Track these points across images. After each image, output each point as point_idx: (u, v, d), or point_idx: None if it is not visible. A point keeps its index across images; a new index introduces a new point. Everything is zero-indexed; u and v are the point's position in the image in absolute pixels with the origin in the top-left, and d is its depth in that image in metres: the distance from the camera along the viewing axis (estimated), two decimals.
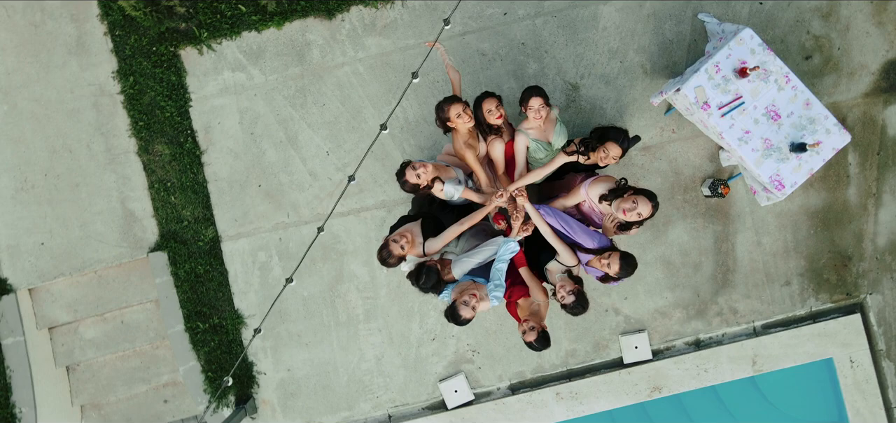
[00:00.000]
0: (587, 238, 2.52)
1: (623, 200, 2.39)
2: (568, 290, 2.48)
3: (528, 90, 2.53)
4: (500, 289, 2.50)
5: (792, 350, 3.45)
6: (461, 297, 2.45)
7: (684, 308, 3.49)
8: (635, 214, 2.36)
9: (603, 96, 3.26)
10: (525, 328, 2.51)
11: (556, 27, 3.25)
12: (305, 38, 3.37)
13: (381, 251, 2.50)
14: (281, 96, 3.45)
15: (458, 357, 3.54)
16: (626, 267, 2.43)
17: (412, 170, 2.48)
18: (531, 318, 2.55)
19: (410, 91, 3.33)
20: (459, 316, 2.43)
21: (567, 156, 2.57)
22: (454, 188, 2.54)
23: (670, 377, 3.50)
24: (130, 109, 3.48)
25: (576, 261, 2.57)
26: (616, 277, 2.46)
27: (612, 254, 2.44)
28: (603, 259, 2.45)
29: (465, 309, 2.41)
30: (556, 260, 2.59)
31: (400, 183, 2.52)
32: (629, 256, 2.45)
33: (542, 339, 2.51)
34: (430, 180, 2.51)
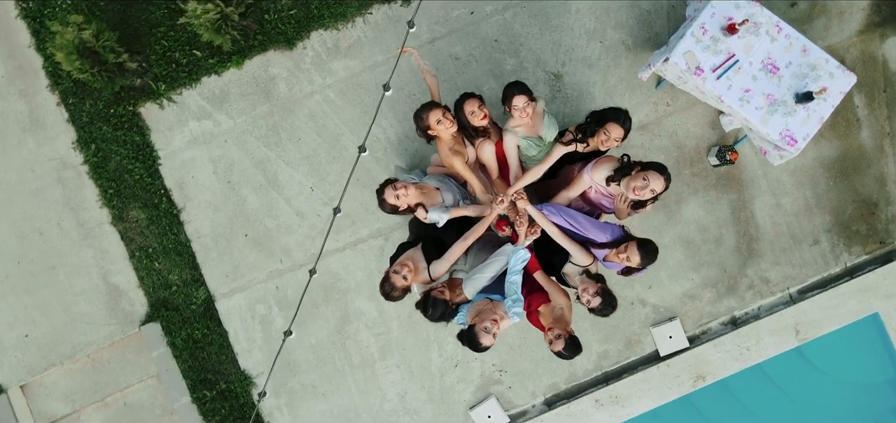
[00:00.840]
0: (599, 232, 2.35)
1: (632, 178, 2.24)
2: (592, 292, 2.31)
3: (509, 88, 2.40)
4: (518, 304, 2.31)
5: (834, 312, 3.26)
6: (480, 321, 2.25)
7: (713, 287, 3.29)
8: (648, 191, 2.21)
9: (588, 81, 3.15)
10: (551, 337, 2.32)
11: (527, 18, 3.16)
12: (269, 73, 3.25)
13: (383, 285, 2.34)
14: (253, 138, 3.30)
15: (486, 380, 3.33)
16: (646, 255, 2.26)
17: (392, 190, 2.33)
18: (556, 325, 2.35)
19: (389, 108, 3.21)
20: (479, 343, 2.24)
21: (564, 147, 2.43)
22: (439, 214, 2.38)
23: (712, 363, 3.29)
24: (97, 178, 3.32)
25: (591, 259, 2.40)
26: (638, 268, 2.30)
27: (629, 244, 2.28)
28: (620, 252, 2.28)
29: (486, 336, 2.23)
30: (570, 262, 2.42)
31: (379, 203, 2.36)
32: (648, 242, 2.29)
33: (571, 345, 2.31)
34: (414, 205, 2.35)
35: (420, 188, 2.42)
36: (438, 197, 2.46)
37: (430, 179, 2.54)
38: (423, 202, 2.39)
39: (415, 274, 2.35)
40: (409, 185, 2.33)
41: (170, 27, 3.16)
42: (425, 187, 2.46)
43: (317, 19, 3.16)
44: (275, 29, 3.17)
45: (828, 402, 3.50)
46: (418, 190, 2.40)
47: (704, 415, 3.47)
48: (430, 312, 2.29)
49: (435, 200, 2.45)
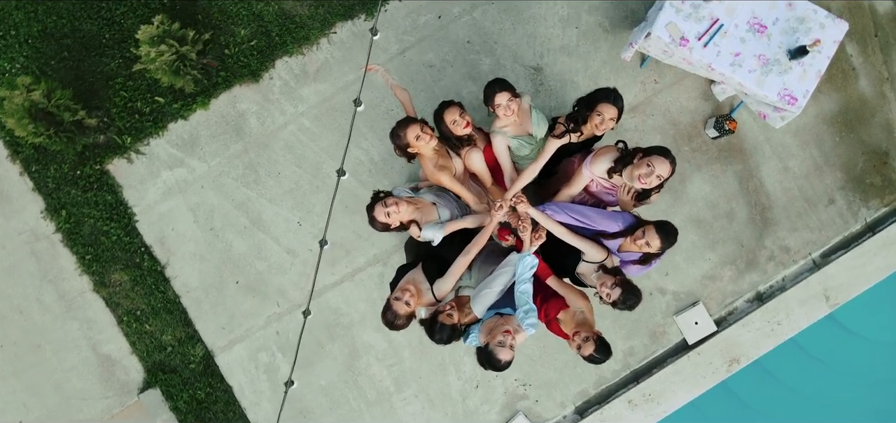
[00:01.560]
0: (609, 222, 2.19)
1: (635, 166, 2.09)
2: (611, 284, 2.13)
3: (490, 86, 2.27)
4: (532, 314, 2.13)
5: (861, 271, 3.10)
6: (494, 337, 2.08)
7: (732, 264, 3.13)
8: (654, 177, 2.06)
9: (570, 69, 3.05)
10: (579, 342, 2.12)
11: (497, 14, 3.06)
12: (238, 110, 3.12)
13: (386, 315, 2.15)
14: (230, 179, 3.15)
15: (510, 397, 3.14)
16: (666, 237, 2.08)
17: (382, 207, 2.15)
18: (581, 329, 2.17)
19: (368, 128, 3.08)
20: (498, 360, 2.06)
21: (557, 140, 2.28)
22: (433, 232, 2.21)
23: (744, 344, 3.10)
24: (72, 245, 3.16)
25: (605, 253, 2.24)
26: (658, 252, 2.11)
27: (647, 228, 2.10)
28: (637, 239, 2.11)
29: (503, 351, 2.05)
30: (583, 260, 2.25)
31: (369, 220, 2.19)
32: (666, 223, 2.12)
33: (602, 348, 2.12)
34: (407, 222, 2.18)
35: (414, 203, 2.26)
36: (434, 212, 2.30)
37: (426, 194, 2.38)
38: (416, 219, 2.22)
39: (418, 297, 2.18)
40: (400, 200, 2.17)
41: (127, 76, 3.05)
42: (420, 202, 2.29)
43: (279, 47, 3.05)
44: (237, 63, 3.06)
45: (869, 366, 3.33)
46: (412, 205, 2.23)
47: (744, 400, 3.30)
48: (437, 335, 2.12)
49: (431, 215, 2.28)
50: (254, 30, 3.01)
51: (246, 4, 3.01)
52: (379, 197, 2.17)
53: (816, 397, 3.33)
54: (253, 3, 2.99)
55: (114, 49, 3.05)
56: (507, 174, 2.39)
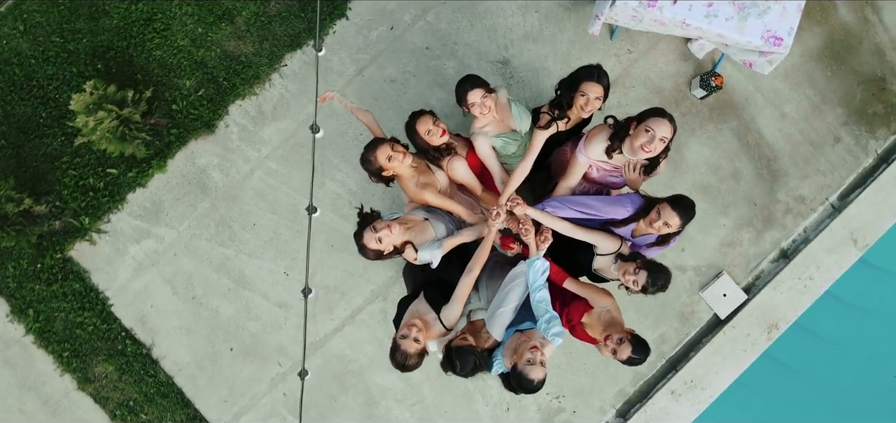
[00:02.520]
0: (617, 208, 2.00)
1: (634, 136, 1.90)
2: (634, 270, 1.93)
3: (460, 86, 2.10)
4: (554, 322, 1.92)
5: (884, 206, 2.88)
6: (520, 357, 1.88)
7: (748, 226, 2.92)
8: (657, 141, 1.86)
9: (538, 56, 2.90)
10: (613, 346, 1.93)
11: (451, 14, 2.93)
12: (198, 166, 2.93)
13: (394, 356, 1.92)
14: (203, 241, 2.95)
15: (545, 414, 2.88)
16: (684, 212, 1.89)
17: (372, 232, 1.93)
18: (611, 330, 1.97)
19: (339, 158, 2.90)
20: (530, 381, 1.85)
21: (544, 130, 2.09)
22: (431, 252, 2.01)
23: (779, 307, 2.86)
24: (47, 345, 2.92)
25: (619, 241, 2.05)
26: (678, 231, 1.92)
27: (661, 207, 1.91)
28: (653, 221, 1.91)
29: (534, 369, 1.85)
30: (597, 255, 2.06)
31: (359, 249, 1.98)
32: (680, 197, 1.93)
33: (639, 346, 1.93)
34: (400, 245, 1.97)
35: (405, 223, 2.04)
36: (429, 230, 2.08)
37: (417, 211, 2.17)
38: (410, 240, 2.00)
39: (426, 331, 1.95)
40: (391, 223, 1.96)
41: (72, 154, 2.86)
42: (411, 221, 2.08)
43: (230, 91, 2.88)
44: (188, 117, 2.88)
45: None
46: (403, 225, 2.02)
47: (791, 366, 3.03)
48: (460, 367, 1.89)
49: (426, 234, 2.07)
50: (199, 79, 2.86)
51: (185, 54, 2.87)
52: (366, 220, 1.95)
53: (863, 346, 3.08)
54: (193, 51, 2.86)
55: (53, 127, 2.88)
56: (496, 177, 2.20)
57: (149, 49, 2.85)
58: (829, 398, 3.08)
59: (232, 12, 2.83)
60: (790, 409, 3.07)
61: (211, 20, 2.83)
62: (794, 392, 3.06)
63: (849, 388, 3.06)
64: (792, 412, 3.08)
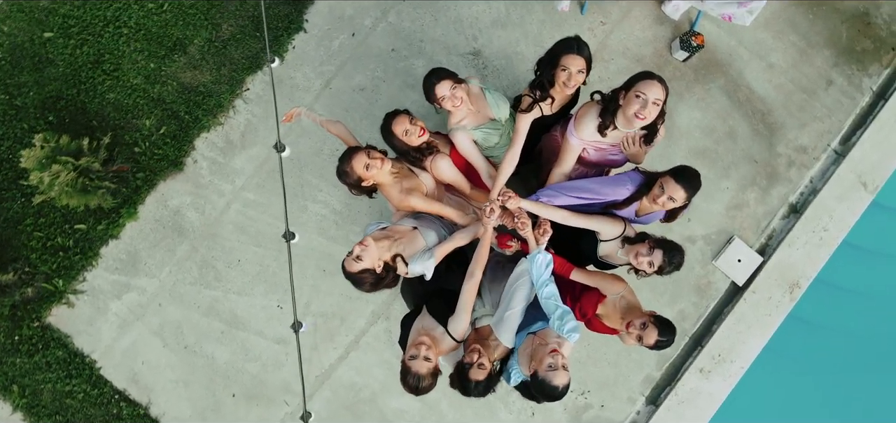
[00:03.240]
0: (616, 188, 1.84)
1: (626, 105, 1.74)
2: (647, 251, 1.79)
3: (427, 80, 1.95)
4: (568, 317, 1.76)
5: (887, 143, 2.73)
6: (541, 363, 1.73)
7: (753, 184, 2.76)
8: (651, 105, 1.70)
9: (509, 41, 2.76)
10: (637, 333, 1.78)
11: (412, 11, 2.79)
12: (171, 208, 2.74)
13: (406, 380, 1.75)
14: (187, 286, 2.75)
15: (573, 413, 2.70)
16: (689, 183, 1.74)
17: (349, 257, 1.76)
18: (631, 316, 1.81)
19: (318, 178, 2.71)
20: (555, 387, 1.70)
21: (526, 114, 1.93)
22: (422, 262, 1.83)
23: (797, 264, 2.68)
24: (38, 421, 2.68)
25: (622, 224, 1.90)
26: (684, 204, 1.77)
27: (664, 181, 1.75)
28: (656, 197, 1.76)
29: (557, 375, 1.70)
30: (602, 241, 1.91)
31: (347, 278, 1.80)
32: (684, 168, 1.77)
33: (665, 328, 1.77)
34: (391, 259, 1.80)
35: (391, 236, 1.87)
36: (419, 240, 1.90)
37: (404, 221, 1.99)
38: (399, 253, 1.83)
39: (435, 347, 1.78)
40: (368, 238, 1.78)
41: (35, 214, 2.67)
42: (398, 232, 1.90)
43: (193, 125, 2.71)
44: (152, 158, 2.70)
45: None
46: (389, 239, 1.85)
47: (818, 324, 2.83)
48: (474, 386, 1.74)
49: (415, 244, 1.89)
50: (159, 116, 2.69)
51: (141, 92, 2.70)
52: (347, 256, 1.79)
53: (891, 291, 2.88)
54: (148, 89, 2.69)
55: (10, 190, 2.69)
56: (483, 172, 2.03)
57: (101, 93, 2.68)
58: (864, 350, 2.87)
59: (183, 42, 2.67)
60: (825, 368, 2.86)
61: (162, 54, 2.68)
62: (827, 350, 2.88)
63: (884, 336, 2.84)
64: (827, 371, 2.86)
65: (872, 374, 2.82)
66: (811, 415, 2.80)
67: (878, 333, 2.84)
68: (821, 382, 2.84)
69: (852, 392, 2.81)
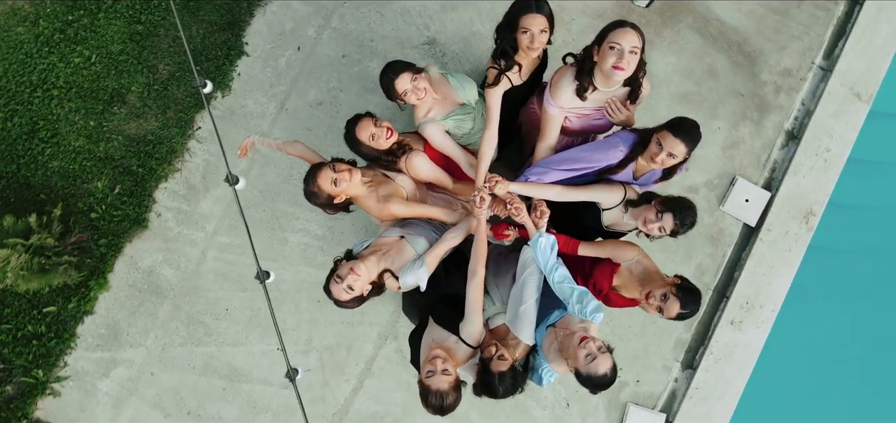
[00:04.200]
0: (608, 151, 1.66)
1: (602, 58, 1.56)
2: (655, 214, 1.62)
3: (384, 76, 1.76)
4: (587, 298, 1.62)
5: (872, 48, 2.56)
6: (576, 356, 1.55)
7: (744, 119, 2.58)
8: (628, 53, 1.53)
9: (463, 23, 2.58)
10: (657, 303, 1.61)
11: (356, 11, 2.60)
12: (143, 269, 2.50)
13: (429, 401, 1.56)
14: (178, 348, 2.52)
15: (610, 394, 2.51)
16: (688, 134, 1.56)
17: (337, 283, 1.59)
18: (650, 285, 1.64)
19: (294, 206, 2.51)
20: (603, 376, 1.53)
21: (495, 88, 1.74)
22: (415, 273, 1.68)
23: (807, 192, 2.50)
24: None
25: (621, 190, 1.74)
26: (685, 158, 1.60)
27: (661, 136, 1.57)
28: (654, 155, 1.58)
29: (600, 362, 1.53)
30: (604, 210, 1.76)
31: (339, 305, 1.64)
32: (681, 120, 1.59)
33: (689, 296, 1.60)
34: (378, 277, 1.64)
35: (377, 250, 1.69)
36: (407, 249, 1.71)
37: (390, 232, 1.80)
38: (386, 268, 1.65)
39: (453, 360, 1.63)
40: (356, 263, 1.60)
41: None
42: (385, 244, 1.72)
43: (148, 177, 2.49)
44: (112, 220, 2.47)
45: None
46: (376, 255, 1.67)
47: (841, 248, 2.64)
48: (501, 388, 1.57)
49: (404, 255, 1.70)
50: (110, 175, 2.47)
51: (86, 154, 2.47)
52: (332, 273, 1.62)
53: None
54: (93, 149, 2.46)
55: None
56: (462, 163, 1.84)
57: (42, 163, 2.44)
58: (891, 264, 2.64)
59: (120, 92, 2.45)
60: (857, 292, 2.64)
61: (100, 109, 2.46)
62: (855, 274, 2.67)
63: None
64: (861, 295, 2.64)
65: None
66: (843, 342, 2.61)
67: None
68: (849, 307, 2.63)
69: (883, 312, 2.61)
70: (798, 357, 2.58)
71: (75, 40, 2.46)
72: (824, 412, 2.58)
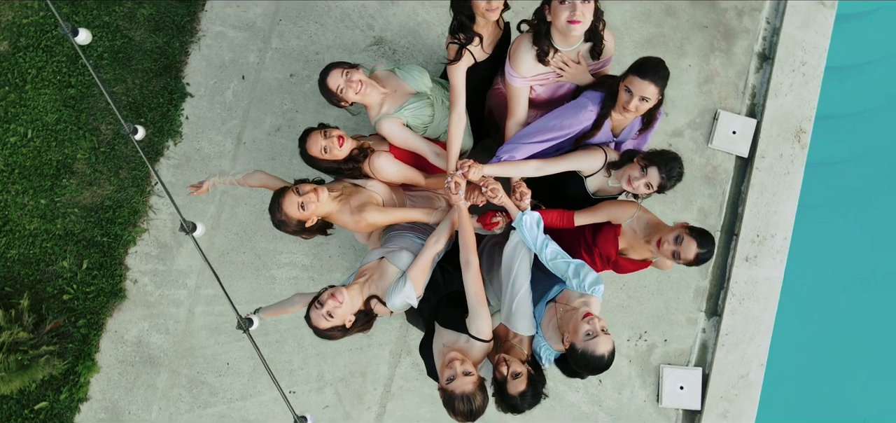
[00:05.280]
0: (579, 113, 1.54)
1: (555, 15, 1.43)
2: (640, 172, 1.51)
3: (320, 85, 1.62)
4: (584, 272, 1.49)
5: None
6: (575, 332, 1.42)
7: (711, 50, 2.45)
8: (581, 4, 1.39)
9: (407, 14, 2.42)
10: (671, 250, 1.49)
11: (295, 28, 2.43)
12: (131, 341, 2.33)
13: (456, 408, 1.43)
14: (185, 415, 2.35)
15: (639, 359, 2.36)
16: (656, 74, 1.44)
17: (318, 309, 1.45)
18: (657, 234, 1.53)
19: (274, 239, 2.33)
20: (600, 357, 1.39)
21: (458, 64, 1.60)
22: (402, 291, 1.54)
23: (791, 110, 2.37)
24: None
25: (601, 153, 1.63)
26: (659, 100, 1.48)
27: (627, 81, 1.45)
28: (626, 102, 1.46)
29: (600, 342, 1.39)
30: (586, 178, 1.65)
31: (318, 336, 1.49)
32: (644, 60, 1.47)
33: (703, 236, 1.49)
34: (364, 305, 1.50)
35: (361, 277, 1.55)
36: (389, 268, 1.56)
37: (371, 255, 1.65)
38: (373, 294, 1.52)
39: (470, 360, 1.50)
40: (343, 293, 1.46)
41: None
42: (367, 270, 1.57)
43: (116, 244, 2.31)
44: (86, 298, 2.29)
45: None
46: (360, 282, 1.53)
47: (837, 160, 2.54)
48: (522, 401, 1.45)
49: (388, 275, 1.56)
50: (75, 252, 2.29)
51: (43, 235, 2.29)
52: (313, 302, 1.49)
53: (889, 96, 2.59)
54: (50, 228, 2.29)
55: None
56: (429, 154, 1.68)
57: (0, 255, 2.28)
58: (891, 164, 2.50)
59: (66, 162, 2.27)
60: (866, 199, 2.49)
61: (48, 185, 2.27)
62: (858, 181, 2.54)
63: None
64: (870, 201, 2.49)
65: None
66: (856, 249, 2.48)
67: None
68: (860, 215, 2.51)
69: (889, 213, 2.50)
70: (821, 280, 2.45)
71: (6, 119, 2.29)
72: (856, 333, 2.44)
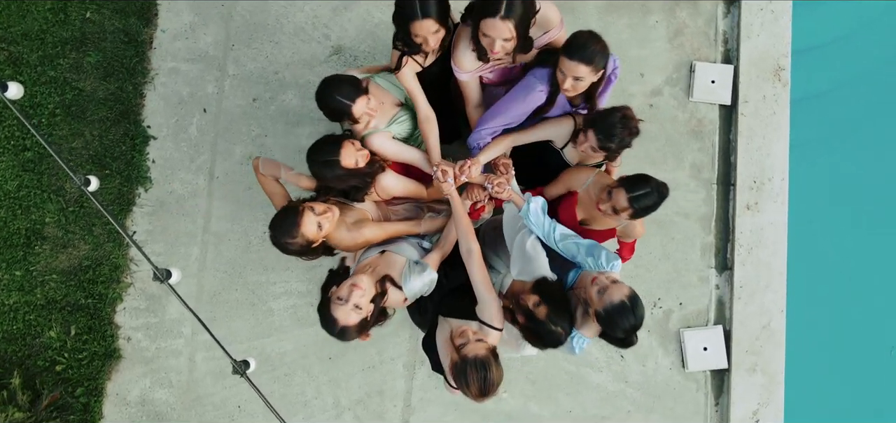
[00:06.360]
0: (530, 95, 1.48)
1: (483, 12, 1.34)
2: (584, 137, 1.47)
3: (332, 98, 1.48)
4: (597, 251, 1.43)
5: None
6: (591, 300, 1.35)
7: (676, 3, 2.32)
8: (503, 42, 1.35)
9: (362, 18, 2.29)
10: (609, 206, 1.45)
11: (250, 51, 2.30)
12: (134, 400, 2.20)
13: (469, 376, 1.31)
14: None
15: (659, 328, 2.29)
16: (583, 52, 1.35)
17: (341, 304, 1.33)
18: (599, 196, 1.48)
19: (265, 269, 2.23)
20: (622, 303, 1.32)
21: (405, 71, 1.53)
22: (420, 278, 1.47)
23: (767, 51, 2.28)
24: None
25: (569, 120, 1.58)
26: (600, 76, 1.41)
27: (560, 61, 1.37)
28: (561, 82, 1.39)
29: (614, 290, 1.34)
30: (562, 152, 1.60)
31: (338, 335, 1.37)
32: (573, 37, 1.38)
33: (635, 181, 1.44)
34: (378, 287, 1.40)
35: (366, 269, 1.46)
36: (394, 259, 1.50)
37: (366, 254, 1.58)
38: (386, 275, 1.43)
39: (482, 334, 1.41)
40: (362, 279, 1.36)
41: None
42: (369, 264, 1.49)
43: (102, 304, 2.19)
44: (79, 365, 2.17)
45: None
46: (370, 272, 1.44)
47: (827, 91, 2.44)
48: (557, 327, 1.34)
49: (394, 265, 1.49)
50: (60, 320, 2.18)
51: (24, 308, 2.17)
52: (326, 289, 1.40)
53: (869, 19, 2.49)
54: (29, 300, 2.17)
55: None
56: (422, 163, 1.62)
57: None
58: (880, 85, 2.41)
59: (35, 229, 2.15)
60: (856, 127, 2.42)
61: (20, 255, 2.15)
62: (846, 109, 2.46)
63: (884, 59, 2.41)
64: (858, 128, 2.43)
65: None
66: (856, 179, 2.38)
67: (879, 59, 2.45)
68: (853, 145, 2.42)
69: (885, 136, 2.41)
70: (827, 217, 2.36)
71: None
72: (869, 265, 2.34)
